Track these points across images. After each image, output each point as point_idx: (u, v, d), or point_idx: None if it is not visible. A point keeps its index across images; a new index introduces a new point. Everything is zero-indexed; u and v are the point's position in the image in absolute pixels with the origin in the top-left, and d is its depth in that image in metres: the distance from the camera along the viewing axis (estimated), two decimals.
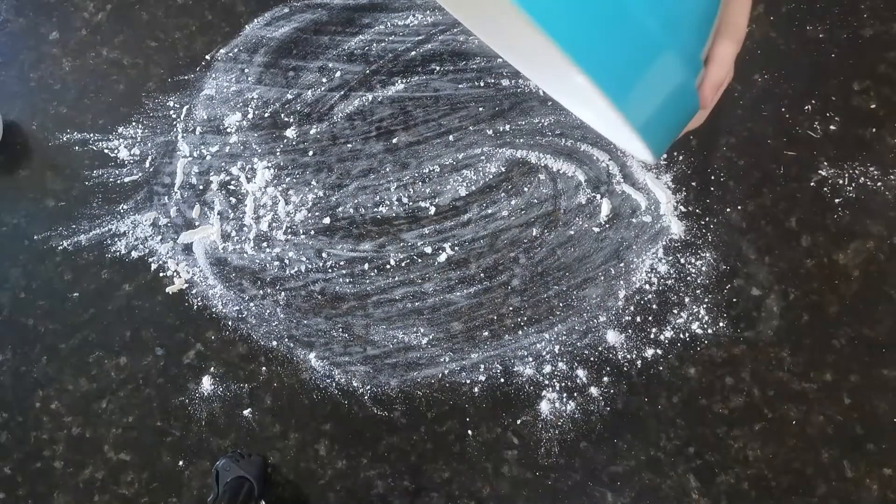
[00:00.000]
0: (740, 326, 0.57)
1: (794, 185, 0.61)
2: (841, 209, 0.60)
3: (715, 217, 0.61)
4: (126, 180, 0.66)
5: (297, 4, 0.71)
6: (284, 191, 0.64)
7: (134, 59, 0.70)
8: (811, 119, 0.63)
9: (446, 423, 0.56)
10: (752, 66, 0.66)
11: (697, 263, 0.59)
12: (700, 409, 0.56)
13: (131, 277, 0.62)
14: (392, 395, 0.57)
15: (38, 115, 0.69)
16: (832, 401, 0.55)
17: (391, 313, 0.60)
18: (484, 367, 0.57)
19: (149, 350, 0.60)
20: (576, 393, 0.56)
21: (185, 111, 0.68)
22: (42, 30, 0.72)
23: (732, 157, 0.63)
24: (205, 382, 0.58)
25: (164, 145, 0.67)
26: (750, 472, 0.54)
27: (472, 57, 0.67)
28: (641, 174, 0.63)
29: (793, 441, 0.54)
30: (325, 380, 0.58)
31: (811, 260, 0.59)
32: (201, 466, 0.56)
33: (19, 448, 0.58)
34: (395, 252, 0.62)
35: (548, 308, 0.59)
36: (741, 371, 0.56)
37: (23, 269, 0.63)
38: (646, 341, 0.57)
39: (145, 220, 0.64)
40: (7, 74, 0.70)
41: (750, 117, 0.64)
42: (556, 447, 0.55)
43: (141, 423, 0.58)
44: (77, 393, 0.59)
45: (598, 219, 0.62)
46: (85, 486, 0.57)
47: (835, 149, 0.62)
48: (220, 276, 0.62)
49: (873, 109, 0.63)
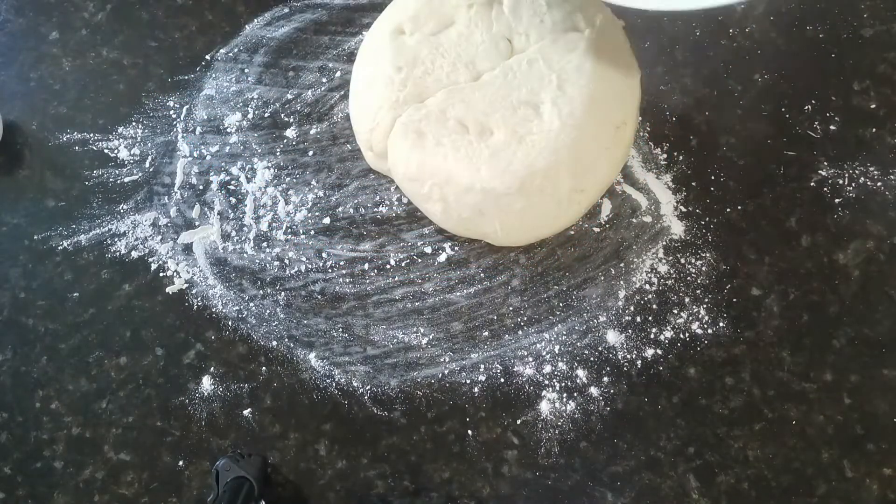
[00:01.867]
0: (740, 326, 0.57)
1: (794, 185, 0.61)
2: (841, 209, 0.60)
3: (715, 217, 0.61)
4: (126, 180, 0.66)
5: (297, 4, 0.71)
6: (284, 191, 0.64)
7: (134, 59, 0.70)
8: (811, 119, 0.63)
9: (446, 423, 0.56)
10: (752, 65, 0.66)
11: (697, 263, 0.60)
12: (700, 409, 0.56)
13: (131, 277, 0.62)
14: (392, 395, 0.57)
15: (38, 115, 0.69)
16: (832, 401, 0.55)
17: (391, 313, 0.60)
18: (484, 367, 0.57)
19: (149, 350, 0.60)
20: (576, 393, 0.56)
21: (185, 111, 0.68)
22: (42, 30, 0.72)
23: (732, 157, 0.63)
24: (205, 382, 0.58)
25: (164, 145, 0.67)
26: (750, 472, 0.54)
27: None
28: (642, 174, 0.63)
29: (793, 441, 0.54)
30: (325, 380, 0.58)
31: (811, 260, 0.59)
32: (201, 466, 0.56)
33: (19, 448, 0.58)
34: (395, 252, 0.62)
35: (548, 308, 0.59)
36: (741, 371, 0.56)
37: (23, 269, 0.63)
38: (646, 341, 0.57)
39: (145, 220, 0.64)
40: (7, 74, 0.70)
41: (750, 117, 0.64)
42: (556, 447, 0.55)
43: (141, 423, 0.58)
44: (77, 393, 0.59)
45: (598, 219, 0.62)
46: (85, 486, 0.57)
47: (835, 149, 0.62)
48: (220, 276, 0.62)
49: (873, 109, 0.63)
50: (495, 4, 0.57)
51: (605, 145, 0.55)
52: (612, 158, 0.56)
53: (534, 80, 0.55)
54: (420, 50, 0.56)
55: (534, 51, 0.56)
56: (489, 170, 0.53)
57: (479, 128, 0.54)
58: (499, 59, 0.56)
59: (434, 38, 0.57)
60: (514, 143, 0.53)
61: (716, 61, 0.66)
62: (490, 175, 0.53)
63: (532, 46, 0.56)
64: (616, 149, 0.56)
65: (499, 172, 0.53)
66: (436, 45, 0.57)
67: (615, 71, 0.55)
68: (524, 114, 0.54)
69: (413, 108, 0.55)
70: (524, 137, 0.53)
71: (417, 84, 0.56)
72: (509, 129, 0.53)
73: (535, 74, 0.55)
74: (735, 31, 0.67)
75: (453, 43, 0.57)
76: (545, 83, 0.54)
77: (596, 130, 0.54)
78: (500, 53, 0.56)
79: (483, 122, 0.54)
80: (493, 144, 0.53)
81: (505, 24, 0.57)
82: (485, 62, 0.56)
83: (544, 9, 0.56)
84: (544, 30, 0.56)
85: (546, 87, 0.54)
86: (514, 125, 0.54)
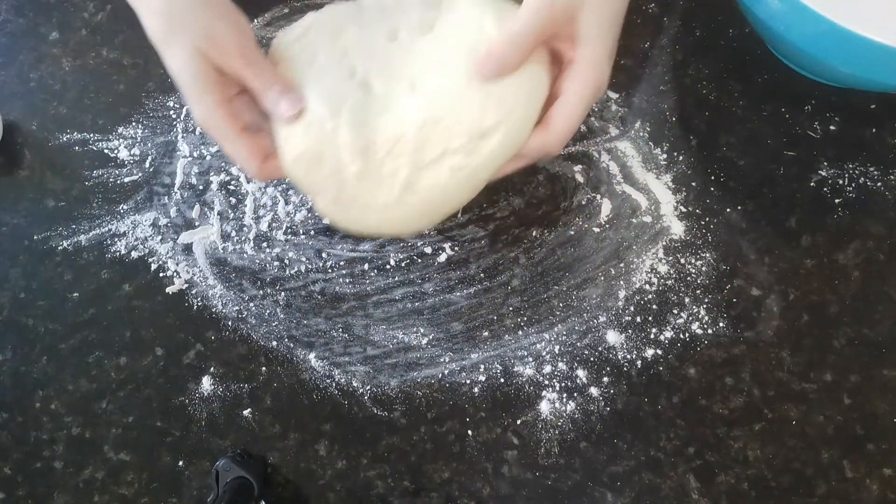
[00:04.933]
0: (740, 326, 0.57)
1: (794, 185, 0.61)
2: (841, 209, 0.60)
3: (715, 217, 0.61)
4: (126, 180, 0.66)
5: (297, 4, 0.71)
6: (284, 191, 0.64)
7: (134, 59, 0.70)
8: (811, 119, 0.63)
9: (446, 423, 0.56)
10: (752, 66, 0.66)
11: (697, 263, 0.60)
12: (700, 409, 0.56)
13: (131, 277, 0.62)
14: (392, 395, 0.57)
15: (38, 115, 0.69)
16: (832, 401, 0.55)
17: (391, 313, 0.60)
18: (484, 367, 0.57)
19: (149, 350, 0.60)
20: (576, 393, 0.56)
21: (185, 111, 0.68)
22: (42, 30, 0.72)
23: (732, 157, 0.63)
24: (205, 382, 0.58)
25: (164, 145, 0.67)
26: (750, 472, 0.54)
27: None
28: (642, 174, 0.63)
29: (793, 441, 0.54)
30: (325, 380, 0.58)
31: (811, 260, 0.59)
32: (201, 466, 0.56)
33: (19, 448, 0.58)
34: (395, 252, 0.62)
35: (548, 308, 0.59)
36: (741, 371, 0.56)
37: (23, 269, 0.63)
38: (646, 341, 0.57)
39: (145, 221, 0.64)
40: (7, 74, 0.70)
41: (750, 117, 0.64)
42: (556, 447, 0.55)
43: (141, 423, 0.58)
44: (77, 393, 0.59)
45: (598, 219, 0.62)
46: (85, 486, 0.57)
47: (835, 149, 0.62)
48: (220, 276, 0.62)
49: (873, 109, 0.64)
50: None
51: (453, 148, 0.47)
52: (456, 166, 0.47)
53: (427, 59, 0.49)
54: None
55: (441, 32, 0.50)
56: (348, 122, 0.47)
57: (364, 77, 0.49)
58: (417, 35, 0.50)
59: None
60: (383, 111, 0.48)
61: (716, 61, 0.66)
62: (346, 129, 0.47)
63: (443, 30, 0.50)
64: (468, 157, 0.46)
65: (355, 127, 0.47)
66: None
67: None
68: (403, 87, 0.49)
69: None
70: (389, 107, 0.48)
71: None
72: (386, 93, 0.48)
73: (430, 53, 0.49)
74: (735, 31, 0.67)
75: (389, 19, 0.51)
76: (432, 63, 0.49)
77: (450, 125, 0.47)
78: (422, 32, 0.51)
79: (370, 74, 0.49)
80: (367, 99, 0.48)
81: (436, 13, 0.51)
82: (404, 33, 0.51)
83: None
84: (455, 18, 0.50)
85: (431, 67, 0.49)
86: (390, 92, 0.48)
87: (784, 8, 0.53)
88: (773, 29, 0.57)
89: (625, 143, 0.64)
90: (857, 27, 0.49)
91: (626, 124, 0.65)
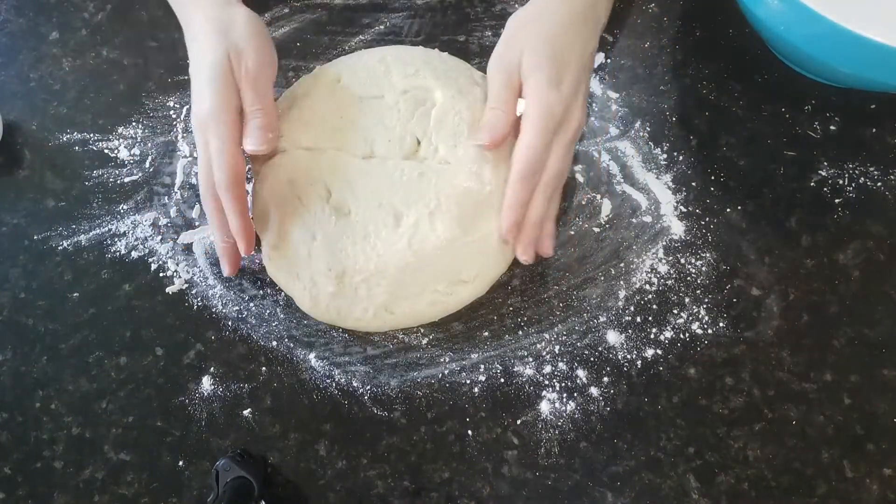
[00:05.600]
0: (740, 326, 0.57)
1: (794, 185, 0.61)
2: (841, 209, 0.60)
3: (715, 217, 0.61)
4: (126, 180, 0.66)
5: (297, 4, 0.72)
6: None
7: (134, 59, 0.70)
8: (811, 119, 0.63)
9: (446, 423, 0.56)
10: (752, 66, 0.66)
11: (697, 263, 0.60)
12: (700, 409, 0.56)
13: (131, 277, 0.62)
14: (392, 395, 0.57)
15: (38, 115, 0.69)
16: (832, 401, 0.55)
17: None
18: (484, 367, 0.57)
19: (149, 350, 0.60)
20: (576, 393, 0.56)
21: (185, 111, 0.68)
22: (42, 30, 0.72)
23: (732, 157, 0.63)
24: (205, 382, 0.58)
25: (164, 145, 0.67)
26: (750, 472, 0.54)
27: (473, 57, 0.67)
28: (642, 174, 0.63)
29: (793, 441, 0.54)
30: (325, 380, 0.58)
31: (811, 260, 0.59)
32: (201, 466, 0.56)
33: (19, 448, 0.58)
34: None
35: (548, 308, 0.59)
36: (741, 371, 0.56)
37: (23, 269, 0.63)
38: (646, 341, 0.57)
39: (145, 221, 0.64)
40: (7, 74, 0.70)
41: (750, 117, 0.64)
42: (556, 447, 0.55)
43: (141, 423, 0.58)
44: (77, 393, 0.59)
45: (598, 219, 0.62)
46: (85, 486, 0.57)
47: (835, 149, 0.62)
48: (221, 276, 0.62)
49: (873, 109, 0.64)
50: (428, 102, 0.56)
51: (432, 289, 0.54)
52: (434, 301, 0.54)
53: (413, 193, 0.53)
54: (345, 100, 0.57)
55: (432, 167, 0.54)
56: (322, 246, 0.54)
57: (339, 201, 0.54)
58: (398, 154, 0.55)
59: (361, 100, 0.57)
60: (361, 238, 0.53)
61: (716, 61, 0.66)
62: (320, 253, 0.54)
63: (433, 161, 0.55)
64: (446, 297, 0.54)
65: (330, 252, 0.53)
66: (360, 105, 0.57)
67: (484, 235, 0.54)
68: (383, 217, 0.53)
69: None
70: (368, 237, 0.53)
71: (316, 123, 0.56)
72: (362, 220, 0.54)
73: (418, 188, 0.54)
74: (735, 31, 0.67)
75: (372, 111, 0.56)
76: (421, 203, 0.53)
77: (434, 271, 0.53)
78: (402, 149, 0.55)
79: (347, 199, 0.54)
80: (342, 224, 0.54)
81: (423, 124, 0.56)
82: (382, 147, 0.55)
83: (463, 136, 0.54)
84: (452, 155, 0.54)
85: (419, 206, 0.53)
86: (368, 220, 0.53)
87: (784, 8, 0.53)
88: (772, 29, 0.57)
89: (625, 143, 0.64)
90: (857, 27, 0.49)
91: (626, 124, 0.65)
